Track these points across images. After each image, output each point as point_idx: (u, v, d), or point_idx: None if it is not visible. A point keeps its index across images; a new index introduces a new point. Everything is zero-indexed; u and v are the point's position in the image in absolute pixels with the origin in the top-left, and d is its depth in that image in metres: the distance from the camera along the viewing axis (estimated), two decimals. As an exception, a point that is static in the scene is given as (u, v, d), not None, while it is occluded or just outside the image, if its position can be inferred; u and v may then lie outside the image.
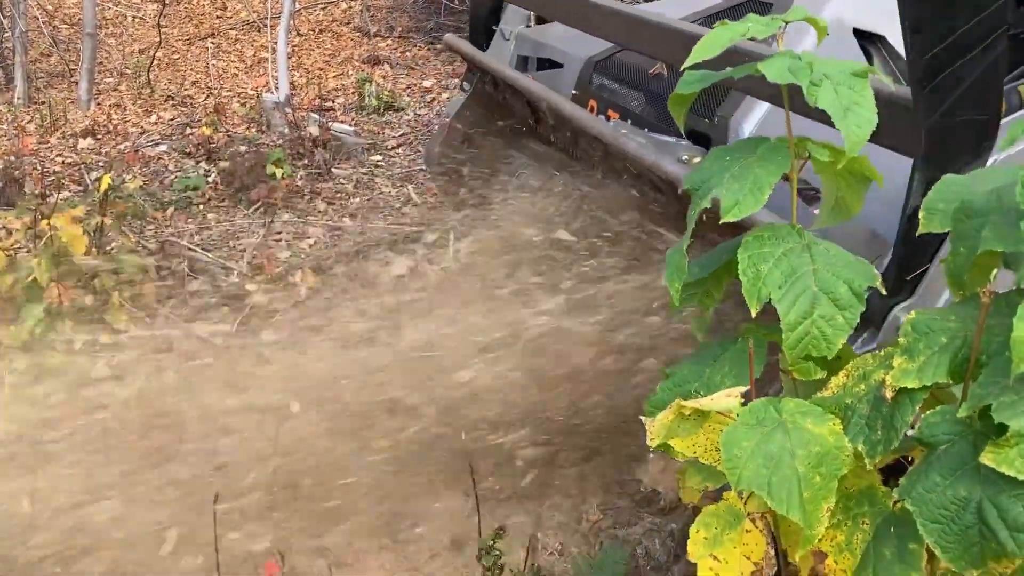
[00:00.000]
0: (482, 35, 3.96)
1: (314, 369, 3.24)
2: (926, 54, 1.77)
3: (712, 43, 1.59)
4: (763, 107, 2.65)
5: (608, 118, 3.24)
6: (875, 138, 1.96)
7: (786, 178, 1.65)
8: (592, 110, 3.34)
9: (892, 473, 1.43)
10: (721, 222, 1.59)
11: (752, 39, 1.59)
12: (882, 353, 1.42)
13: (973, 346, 1.27)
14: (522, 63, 3.84)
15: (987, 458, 1.13)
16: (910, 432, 1.31)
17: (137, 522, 2.47)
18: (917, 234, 1.51)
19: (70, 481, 2.59)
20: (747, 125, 2.69)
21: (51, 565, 2.32)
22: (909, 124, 1.88)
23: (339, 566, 2.34)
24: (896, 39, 2.68)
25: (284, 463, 2.69)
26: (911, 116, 1.87)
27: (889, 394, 1.33)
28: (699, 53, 1.59)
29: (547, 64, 3.76)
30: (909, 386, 1.31)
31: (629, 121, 3.11)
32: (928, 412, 1.28)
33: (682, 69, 1.69)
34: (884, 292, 1.58)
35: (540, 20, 3.95)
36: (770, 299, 1.51)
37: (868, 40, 2.78)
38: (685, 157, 2.70)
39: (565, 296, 3.03)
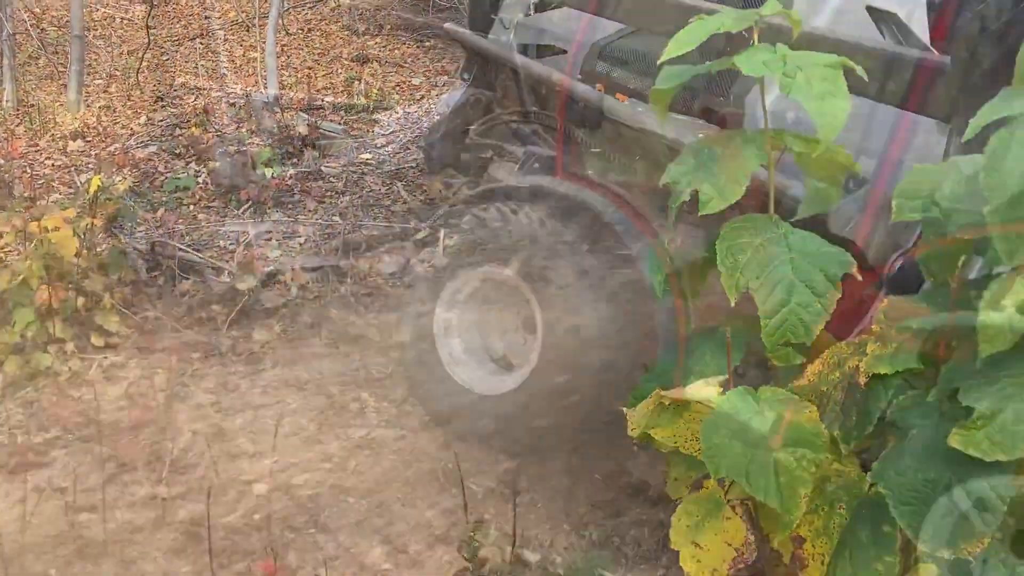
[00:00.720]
0: (481, 24, 3.94)
1: (305, 366, 3.26)
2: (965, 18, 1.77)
3: (688, 38, 1.61)
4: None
5: None
6: (911, 106, 1.97)
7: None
8: None
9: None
10: (700, 214, 1.61)
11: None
12: (856, 340, 1.44)
13: (943, 332, 1.29)
14: (522, 51, 3.81)
15: (955, 440, 1.16)
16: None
17: (131, 522, 2.48)
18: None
19: (62, 482, 2.60)
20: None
21: (47, 565, 2.33)
22: (945, 91, 1.89)
23: (332, 559, 2.35)
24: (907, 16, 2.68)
25: (277, 460, 2.70)
26: (947, 83, 1.88)
27: (863, 381, 1.35)
28: (675, 48, 1.61)
29: (548, 52, 3.75)
30: (882, 372, 1.33)
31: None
32: (899, 397, 1.30)
33: (659, 64, 1.71)
34: (860, 278, 1.60)
35: (540, 8, 3.93)
36: (748, 288, 1.54)
37: (881, 17, 2.78)
38: (702, 136, 2.68)
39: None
